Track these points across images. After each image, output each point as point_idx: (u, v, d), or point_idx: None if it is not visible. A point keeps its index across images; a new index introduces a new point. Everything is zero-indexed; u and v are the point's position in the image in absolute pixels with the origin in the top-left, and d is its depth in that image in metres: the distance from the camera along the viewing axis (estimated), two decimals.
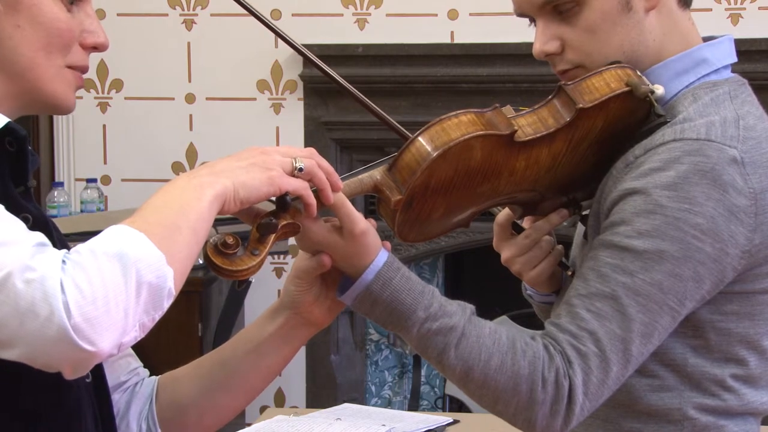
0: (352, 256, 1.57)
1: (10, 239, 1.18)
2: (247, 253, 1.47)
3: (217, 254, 1.46)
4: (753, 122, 1.65)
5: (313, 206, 1.49)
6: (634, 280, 1.57)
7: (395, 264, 1.59)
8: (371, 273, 1.57)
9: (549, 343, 1.59)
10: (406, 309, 1.58)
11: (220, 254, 1.46)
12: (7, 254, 1.17)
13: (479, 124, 1.59)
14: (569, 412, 1.58)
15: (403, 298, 1.58)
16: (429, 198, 1.60)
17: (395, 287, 1.58)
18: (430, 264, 4.45)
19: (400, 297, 1.58)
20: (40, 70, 1.33)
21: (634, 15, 1.67)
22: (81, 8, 1.38)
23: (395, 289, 1.58)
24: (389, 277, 1.58)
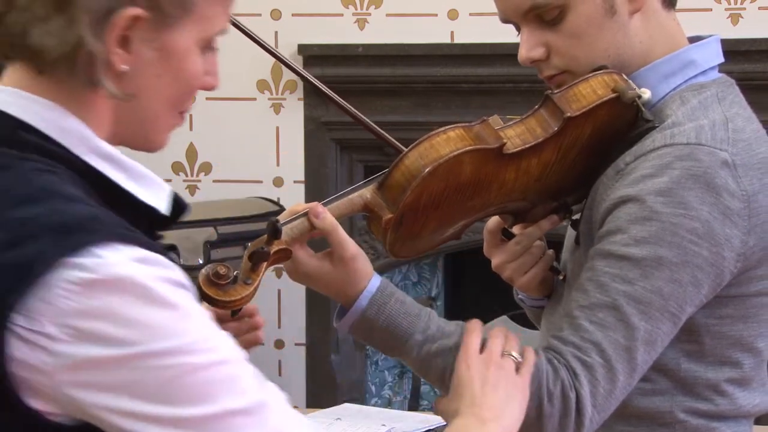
0: (345, 283, 1.57)
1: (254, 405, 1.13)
2: (240, 282, 1.47)
3: (209, 285, 1.45)
4: (742, 124, 1.64)
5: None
6: (635, 288, 1.57)
7: (389, 288, 1.59)
8: (365, 299, 1.57)
9: (552, 356, 1.58)
10: (403, 333, 1.58)
11: (213, 285, 1.45)
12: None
13: (468, 139, 1.58)
14: (579, 425, 1.57)
15: (399, 322, 1.58)
16: (420, 215, 1.60)
17: (390, 312, 1.57)
18: (430, 264, 4.45)
19: (397, 321, 1.58)
20: (160, 121, 1.24)
21: (619, 18, 1.66)
22: (212, 50, 1.27)
23: (390, 314, 1.57)
24: (383, 302, 1.58)
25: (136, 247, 1.10)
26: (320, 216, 1.54)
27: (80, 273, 1.07)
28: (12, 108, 1.17)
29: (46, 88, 1.18)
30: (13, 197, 1.12)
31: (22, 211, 1.10)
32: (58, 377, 1.07)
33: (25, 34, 1.14)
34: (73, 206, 1.11)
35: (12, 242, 1.08)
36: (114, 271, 1.07)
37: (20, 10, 1.14)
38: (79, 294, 1.06)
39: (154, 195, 1.21)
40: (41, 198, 1.11)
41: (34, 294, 1.06)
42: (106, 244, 1.08)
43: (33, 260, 1.07)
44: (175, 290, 1.10)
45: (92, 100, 1.19)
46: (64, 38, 1.14)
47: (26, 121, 1.16)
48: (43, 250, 1.07)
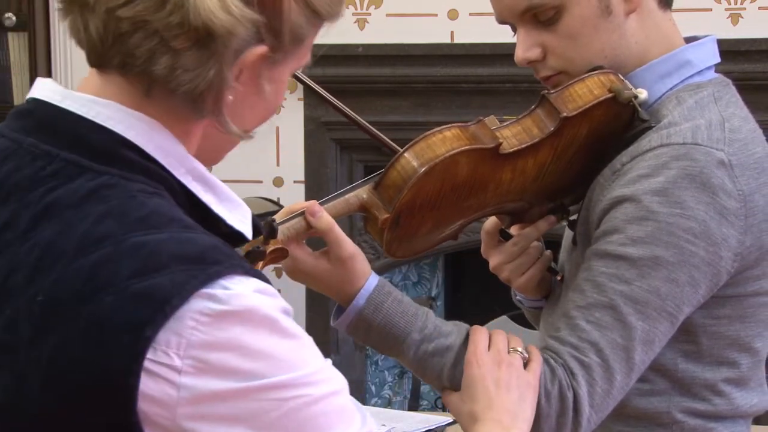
0: (342, 282, 1.58)
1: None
2: None
3: None
4: (738, 124, 1.64)
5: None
6: (632, 287, 1.57)
7: (386, 287, 1.59)
8: (362, 298, 1.58)
9: (550, 356, 1.59)
10: (400, 332, 1.58)
11: None
12: None
13: (464, 139, 1.58)
14: (576, 425, 1.57)
15: (396, 321, 1.58)
16: (416, 214, 1.60)
17: (388, 311, 1.58)
18: (430, 264, 4.45)
19: (394, 320, 1.58)
20: (234, 145, 1.23)
21: (615, 19, 1.66)
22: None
23: (388, 312, 1.58)
24: (381, 301, 1.58)
25: (254, 279, 1.08)
26: (317, 215, 1.55)
27: (212, 304, 1.04)
28: (113, 123, 1.12)
29: (148, 106, 1.13)
30: (130, 221, 1.07)
31: (145, 237, 1.05)
32: (180, 410, 1.04)
33: (151, 60, 1.09)
34: (193, 235, 1.08)
35: (142, 271, 1.03)
36: (244, 303, 1.05)
37: (150, 34, 1.09)
38: (208, 325, 1.03)
39: (239, 219, 1.18)
40: (160, 224, 1.07)
41: (168, 326, 1.02)
42: (231, 276, 1.06)
43: (170, 291, 1.03)
44: (291, 321, 1.09)
45: (191, 123, 1.16)
46: (196, 73, 1.10)
47: (129, 139, 1.11)
48: (180, 281, 1.03)
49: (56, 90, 1.15)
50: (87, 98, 1.13)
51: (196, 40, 1.08)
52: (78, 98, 1.13)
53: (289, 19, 1.13)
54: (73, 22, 1.13)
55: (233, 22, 1.08)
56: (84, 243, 1.05)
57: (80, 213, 1.07)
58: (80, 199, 1.08)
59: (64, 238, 1.06)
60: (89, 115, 1.12)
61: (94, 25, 1.10)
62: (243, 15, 1.08)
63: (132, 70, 1.11)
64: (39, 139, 1.12)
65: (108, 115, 1.12)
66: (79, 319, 1.02)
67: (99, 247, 1.05)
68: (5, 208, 1.10)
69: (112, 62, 1.11)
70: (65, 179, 1.09)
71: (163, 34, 1.08)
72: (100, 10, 1.09)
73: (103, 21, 1.09)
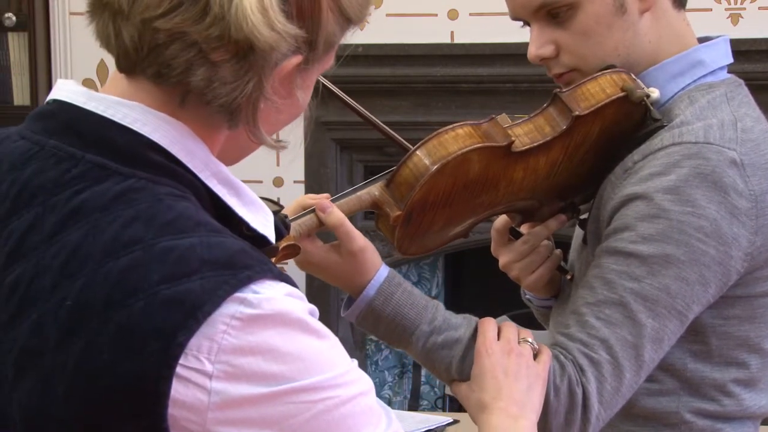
0: (353, 275, 1.59)
1: None
2: None
3: None
4: (750, 124, 1.64)
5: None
6: (642, 285, 1.57)
7: (396, 279, 1.60)
8: (372, 289, 1.58)
9: (559, 352, 1.58)
10: (409, 323, 1.58)
11: None
12: None
13: (476, 137, 1.58)
14: (585, 422, 1.57)
15: (406, 313, 1.58)
16: (428, 212, 1.60)
17: (397, 302, 1.58)
18: (430, 264, 4.45)
19: (403, 311, 1.58)
20: (255, 148, 1.21)
21: (629, 17, 1.66)
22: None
23: (398, 303, 1.58)
24: (391, 292, 1.58)
25: (283, 283, 1.07)
26: (327, 211, 1.56)
27: (244, 308, 1.03)
28: (139, 125, 1.10)
29: (180, 114, 1.12)
30: (158, 224, 1.05)
31: (174, 241, 1.04)
32: (210, 415, 1.02)
33: (188, 72, 1.08)
34: (222, 239, 1.06)
35: (172, 276, 1.02)
36: (275, 307, 1.04)
37: (188, 45, 1.07)
38: (240, 330, 1.02)
39: (262, 222, 1.17)
40: (188, 228, 1.05)
41: (200, 332, 1.01)
42: (261, 281, 1.05)
43: (202, 297, 1.02)
44: (319, 323, 1.08)
45: (222, 131, 1.15)
46: (234, 86, 1.08)
47: (155, 141, 1.10)
48: (211, 287, 1.02)
49: (80, 91, 1.13)
50: (112, 100, 1.11)
51: (235, 53, 1.07)
52: (103, 100, 1.12)
53: (326, 29, 1.13)
54: (102, 27, 1.11)
55: (277, 38, 1.07)
56: (112, 247, 1.04)
57: (108, 216, 1.05)
58: (108, 202, 1.06)
59: (92, 241, 1.05)
60: (115, 117, 1.10)
61: (128, 33, 1.09)
62: (286, 30, 1.07)
63: (167, 81, 1.09)
64: (62, 141, 1.10)
65: (134, 117, 1.10)
66: (108, 325, 1.01)
67: (128, 251, 1.03)
68: (29, 211, 1.08)
69: (145, 71, 1.10)
70: (92, 182, 1.07)
71: (201, 46, 1.07)
72: (136, 19, 1.08)
73: (138, 30, 1.08)
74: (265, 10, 1.06)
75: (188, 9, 1.06)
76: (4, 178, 1.11)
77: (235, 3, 1.05)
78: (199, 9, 1.06)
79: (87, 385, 1.02)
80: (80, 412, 1.02)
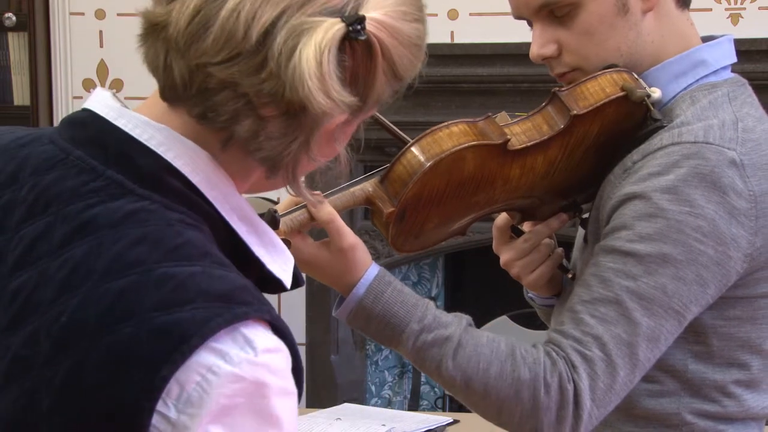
0: (343, 272, 1.58)
1: None
2: None
3: None
4: (752, 124, 1.64)
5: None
6: (638, 284, 1.56)
7: (387, 277, 1.59)
8: (362, 287, 1.58)
9: (552, 349, 1.58)
10: (399, 322, 1.58)
11: None
12: None
13: (471, 134, 1.58)
14: (577, 419, 1.57)
15: (396, 311, 1.58)
16: (422, 209, 1.60)
17: (387, 300, 1.58)
18: (430, 264, 4.45)
19: (393, 310, 1.58)
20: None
21: (631, 17, 1.66)
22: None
23: (387, 302, 1.58)
24: (381, 291, 1.58)
25: (274, 335, 1.03)
26: (318, 206, 1.55)
27: (224, 364, 0.99)
28: (164, 149, 1.09)
29: (218, 152, 1.10)
30: (163, 249, 1.03)
31: (176, 268, 1.02)
32: None
33: (234, 120, 1.07)
34: (225, 273, 1.04)
35: (166, 304, 1.00)
36: (256, 374, 1.00)
37: (238, 95, 1.06)
38: (213, 386, 0.99)
39: (281, 266, 1.15)
40: (193, 257, 1.03)
41: (181, 368, 0.98)
42: (255, 324, 1.02)
43: (190, 328, 0.99)
44: (287, 402, 1.04)
45: (255, 170, 1.13)
46: (280, 142, 1.07)
47: (176, 167, 1.08)
48: (202, 319, 0.99)
49: (113, 106, 1.12)
50: (142, 119, 1.10)
51: (286, 111, 1.06)
52: (133, 118, 1.11)
53: (378, 91, 1.10)
54: (152, 54, 1.10)
55: (331, 106, 1.05)
56: (114, 266, 1.02)
57: (115, 234, 1.04)
58: (118, 220, 1.05)
59: (96, 258, 1.03)
60: (142, 137, 1.09)
61: (179, 69, 1.07)
62: (341, 99, 1.05)
63: (212, 124, 1.08)
64: (87, 153, 1.09)
65: (160, 140, 1.09)
66: (98, 347, 0.99)
67: (127, 273, 1.02)
68: (42, 219, 1.07)
69: (191, 110, 1.09)
70: (107, 198, 1.06)
71: (252, 99, 1.05)
72: (191, 60, 1.06)
73: (190, 70, 1.07)
74: (322, 76, 1.03)
75: (246, 61, 1.04)
76: (26, 181, 1.10)
77: (293, 63, 1.03)
78: (257, 63, 1.04)
79: (70, 405, 1.00)
80: (62, 429, 1.01)
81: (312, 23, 1.04)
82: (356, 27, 1.06)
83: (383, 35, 1.08)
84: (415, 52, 1.12)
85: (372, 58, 1.08)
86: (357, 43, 1.06)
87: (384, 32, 1.08)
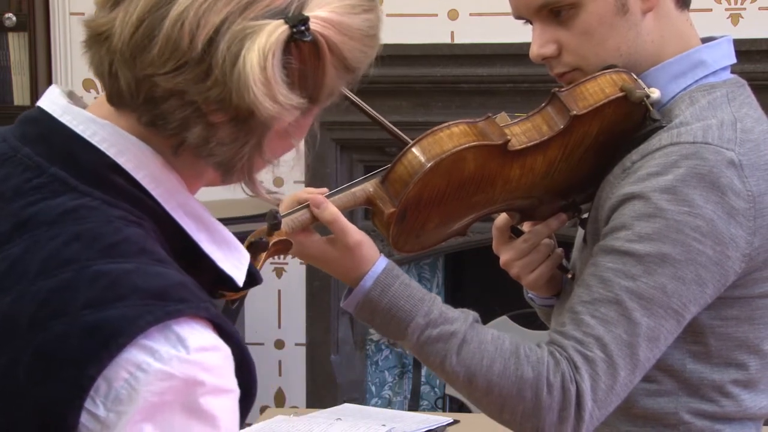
0: (350, 268, 1.59)
1: None
2: None
3: None
4: (751, 125, 1.64)
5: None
6: (637, 284, 1.57)
7: (394, 271, 1.60)
8: (369, 280, 1.59)
9: (555, 349, 1.59)
10: (405, 315, 1.58)
11: None
12: None
13: (471, 135, 1.59)
14: (578, 419, 1.57)
15: (402, 305, 1.58)
16: (423, 209, 1.61)
17: (394, 294, 1.58)
18: (430, 264, 4.45)
19: (399, 303, 1.58)
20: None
21: (631, 17, 1.66)
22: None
23: (394, 295, 1.58)
24: (388, 284, 1.59)
25: (212, 332, 1.03)
26: (321, 207, 1.56)
27: (153, 362, 0.99)
28: (106, 145, 1.08)
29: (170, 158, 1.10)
30: (99, 247, 1.02)
31: (110, 265, 1.01)
32: None
33: (184, 128, 1.07)
34: (163, 269, 1.03)
35: (98, 301, 0.99)
36: (187, 371, 0.99)
37: (186, 103, 1.06)
38: (142, 384, 0.98)
39: (234, 264, 1.15)
40: (129, 253, 1.02)
41: (110, 366, 0.98)
42: (190, 321, 1.01)
43: (120, 326, 0.98)
44: (224, 401, 1.03)
45: (209, 173, 1.13)
46: (231, 147, 1.07)
47: (119, 163, 1.08)
48: (132, 316, 0.98)
49: (60, 103, 1.12)
50: (87, 116, 1.10)
51: (235, 117, 1.05)
52: (78, 115, 1.10)
53: (329, 85, 1.10)
54: (97, 61, 1.10)
55: (279, 110, 1.04)
56: (47, 265, 1.01)
57: (52, 232, 1.03)
58: (56, 218, 1.04)
59: (31, 256, 1.02)
60: (85, 134, 1.09)
61: (126, 79, 1.07)
62: (289, 102, 1.05)
63: (162, 132, 1.08)
64: (34, 151, 1.09)
65: (103, 137, 1.09)
66: (30, 345, 0.99)
67: (62, 271, 1.01)
68: None
69: (140, 118, 1.09)
70: (49, 195, 1.06)
71: (200, 106, 1.05)
72: (138, 71, 1.06)
73: (137, 80, 1.06)
74: (267, 81, 1.03)
75: (192, 69, 1.04)
76: None
77: (238, 70, 1.03)
78: (203, 71, 1.04)
79: (7, 402, 0.99)
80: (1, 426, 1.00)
81: (255, 27, 1.04)
82: (300, 28, 1.05)
83: (330, 33, 1.07)
84: (368, 42, 1.12)
85: (320, 57, 1.07)
86: (303, 44, 1.06)
87: (331, 30, 1.07)
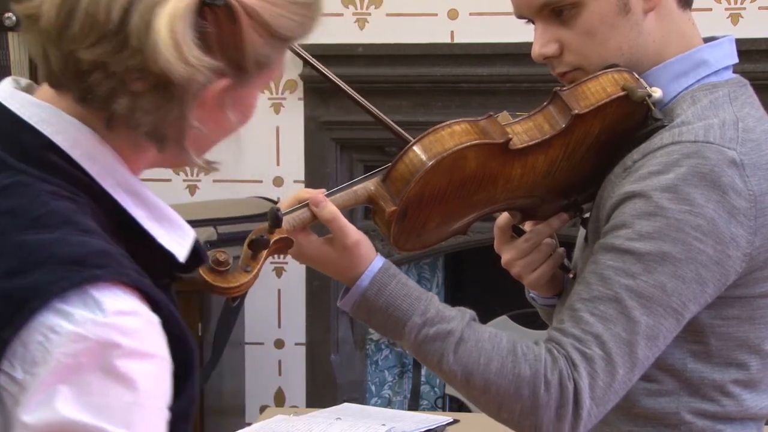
0: (347, 268, 1.59)
1: None
2: (240, 270, 1.48)
3: (209, 272, 1.45)
4: (752, 124, 1.64)
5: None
6: (637, 282, 1.57)
7: (391, 270, 1.60)
8: (366, 279, 1.59)
9: (552, 347, 1.58)
10: (402, 314, 1.58)
11: (212, 272, 1.45)
12: None
13: (473, 133, 1.59)
14: (576, 417, 1.57)
15: (399, 304, 1.58)
16: (424, 208, 1.61)
17: (391, 293, 1.58)
18: (430, 264, 4.44)
19: (396, 302, 1.58)
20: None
21: (633, 17, 1.66)
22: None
23: (391, 294, 1.58)
24: (385, 283, 1.58)
25: (133, 298, 1.05)
26: (320, 205, 1.56)
27: (66, 324, 1.01)
28: (44, 126, 1.13)
29: (104, 131, 1.14)
30: (25, 219, 1.06)
31: (34, 236, 1.05)
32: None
33: (111, 99, 1.10)
34: (86, 239, 1.06)
35: (16, 270, 1.03)
36: (101, 334, 1.02)
37: (109, 75, 1.09)
38: (55, 346, 1.01)
39: (176, 240, 1.17)
40: (53, 224, 1.06)
41: (24, 330, 1.01)
42: (108, 286, 1.04)
43: (33, 291, 1.01)
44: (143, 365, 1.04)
45: (147, 147, 1.15)
46: (156, 115, 1.10)
47: (56, 143, 1.12)
48: (46, 281, 1.01)
49: (6, 90, 1.17)
50: (29, 99, 1.15)
51: (155, 84, 1.09)
52: (21, 99, 1.15)
53: (253, 52, 1.13)
54: (33, 44, 1.14)
55: (191, 71, 1.08)
56: None
57: None
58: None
59: None
60: (25, 116, 1.14)
61: (55, 57, 1.12)
62: (201, 63, 1.08)
63: (92, 105, 1.12)
64: None
65: (42, 118, 1.13)
66: None
67: None
68: None
69: (74, 95, 1.13)
70: None
71: (122, 77, 1.09)
72: (64, 48, 1.10)
73: (64, 56, 1.11)
74: (177, 44, 1.07)
75: (110, 41, 1.08)
76: None
77: (152, 37, 1.07)
78: (120, 41, 1.08)
79: None
80: None
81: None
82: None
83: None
84: (296, 9, 1.15)
85: (236, 21, 1.11)
86: (218, 8, 1.09)
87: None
